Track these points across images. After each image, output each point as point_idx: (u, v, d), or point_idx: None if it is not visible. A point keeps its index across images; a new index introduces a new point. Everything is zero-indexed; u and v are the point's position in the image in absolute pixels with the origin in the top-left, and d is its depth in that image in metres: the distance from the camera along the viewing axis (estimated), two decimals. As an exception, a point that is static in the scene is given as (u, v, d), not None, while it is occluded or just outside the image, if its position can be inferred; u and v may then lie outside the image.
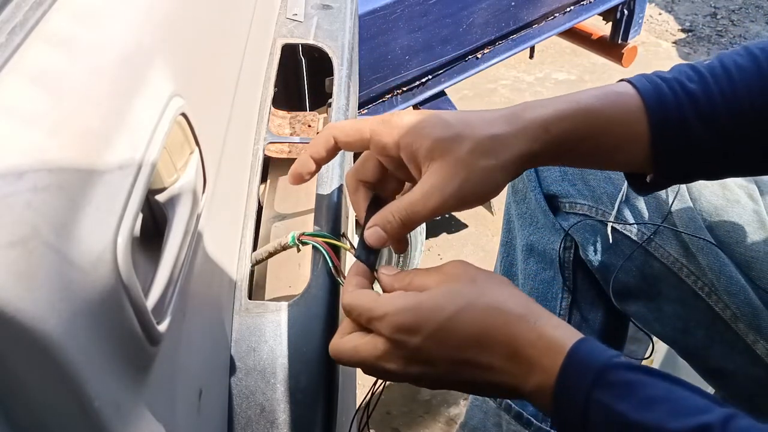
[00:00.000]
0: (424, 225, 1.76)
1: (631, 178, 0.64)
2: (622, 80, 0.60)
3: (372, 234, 0.57)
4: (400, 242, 0.61)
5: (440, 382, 0.54)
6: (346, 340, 0.54)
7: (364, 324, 0.54)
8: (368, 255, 0.58)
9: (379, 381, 0.61)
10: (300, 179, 0.61)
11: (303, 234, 0.62)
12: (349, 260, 0.64)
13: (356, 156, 0.67)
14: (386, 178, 0.61)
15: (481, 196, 0.55)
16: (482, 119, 0.56)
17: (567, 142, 0.56)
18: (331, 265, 0.61)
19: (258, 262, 0.68)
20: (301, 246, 0.63)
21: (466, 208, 0.57)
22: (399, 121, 0.56)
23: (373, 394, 0.62)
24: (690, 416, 0.44)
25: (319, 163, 0.60)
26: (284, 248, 0.65)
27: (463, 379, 0.53)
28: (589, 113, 0.57)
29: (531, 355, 0.49)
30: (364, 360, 0.53)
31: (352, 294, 0.55)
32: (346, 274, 0.59)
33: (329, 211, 0.67)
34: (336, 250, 0.62)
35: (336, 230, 0.66)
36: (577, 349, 0.48)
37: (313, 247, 0.63)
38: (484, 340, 0.50)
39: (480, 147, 0.54)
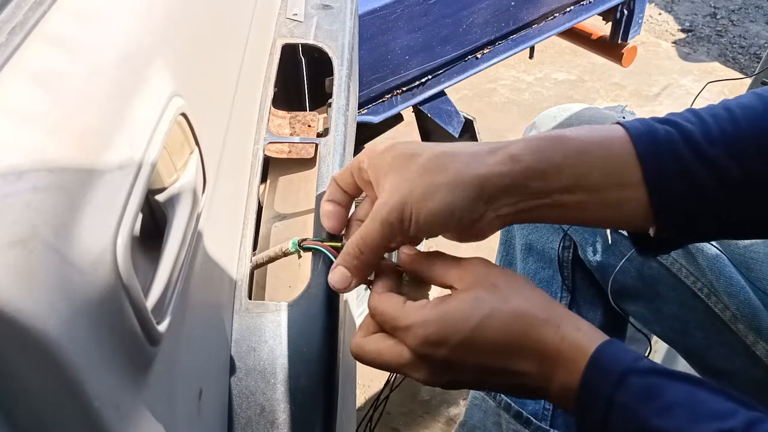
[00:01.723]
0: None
1: (636, 242, 0.58)
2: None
3: (335, 276, 0.54)
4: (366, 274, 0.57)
5: (467, 386, 0.54)
6: (368, 341, 0.54)
7: (389, 331, 0.53)
8: None
9: (383, 394, 0.61)
10: (335, 225, 0.58)
11: (304, 240, 0.62)
12: None
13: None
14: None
15: (427, 217, 0.50)
16: (451, 143, 0.53)
17: (535, 170, 0.51)
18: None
19: (258, 266, 0.68)
20: (302, 252, 0.63)
21: (422, 229, 0.52)
22: (374, 146, 0.55)
23: (375, 409, 0.62)
24: (711, 421, 0.43)
25: (340, 203, 0.58)
26: (285, 254, 0.64)
27: (490, 384, 0.53)
28: (561, 137, 0.52)
29: (556, 359, 0.49)
30: (389, 364, 0.53)
31: (378, 297, 0.54)
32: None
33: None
34: (338, 252, 0.62)
35: (336, 237, 0.66)
36: (600, 352, 0.48)
37: (314, 253, 0.63)
38: (511, 347, 0.50)
39: (431, 162, 0.51)
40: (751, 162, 0.50)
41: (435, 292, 0.56)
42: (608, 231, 0.85)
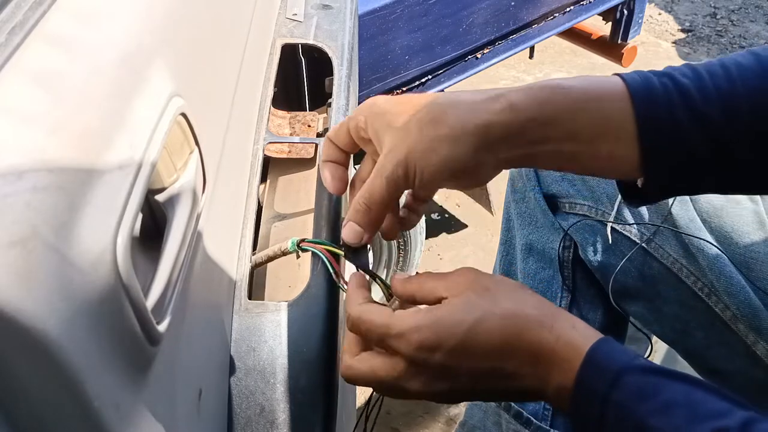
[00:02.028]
0: (423, 225, 1.76)
1: (624, 189, 0.59)
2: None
3: (347, 231, 0.56)
4: (390, 226, 0.59)
5: (464, 395, 0.53)
6: (359, 361, 0.53)
7: (375, 341, 0.52)
8: (354, 254, 0.58)
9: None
10: (339, 186, 0.59)
11: (303, 240, 0.62)
12: (349, 267, 0.65)
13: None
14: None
15: (432, 171, 0.52)
16: (448, 93, 0.53)
17: (535, 121, 0.51)
18: (332, 271, 0.61)
19: (257, 265, 0.68)
20: (300, 252, 0.63)
21: (427, 184, 0.53)
22: (372, 102, 0.55)
23: (369, 412, 0.62)
24: (708, 421, 0.43)
25: (338, 161, 0.59)
26: (284, 254, 0.65)
27: (487, 389, 0.52)
28: (561, 88, 0.52)
29: (552, 359, 0.48)
30: (383, 381, 0.52)
31: (360, 308, 0.53)
32: (348, 280, 0.59)
33: (329, 218, 0.67)
34: (336, 257, 0.62)
35: (336, 237, 0.66)
36: (595, 350, 0.48)
37: (313, 253, 0.63)
38: (505, 349, 0.49)
39: (430, 114, 0.52)
40: (740, 119, 0.51)
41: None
42: (608, 231, 0.85)
